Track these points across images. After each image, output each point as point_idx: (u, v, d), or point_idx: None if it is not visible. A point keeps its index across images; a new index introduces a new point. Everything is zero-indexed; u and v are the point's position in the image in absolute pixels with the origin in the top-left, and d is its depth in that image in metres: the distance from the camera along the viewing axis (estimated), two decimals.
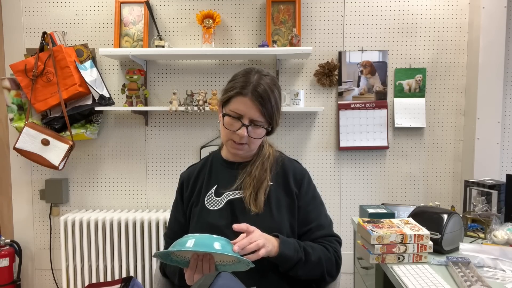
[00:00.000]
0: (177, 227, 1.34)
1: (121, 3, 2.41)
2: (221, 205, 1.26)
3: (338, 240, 1.30)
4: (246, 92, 1.20)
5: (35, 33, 2.48)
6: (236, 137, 1.22)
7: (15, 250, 2.47)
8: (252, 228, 1.12)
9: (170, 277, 1.32)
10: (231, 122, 1.22)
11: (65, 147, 2.29)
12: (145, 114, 2.49)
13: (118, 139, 2.53)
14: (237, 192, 1.27)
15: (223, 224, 1.23)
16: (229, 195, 1.27)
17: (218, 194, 1.29)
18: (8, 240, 2.48)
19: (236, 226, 1.11)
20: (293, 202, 1.28)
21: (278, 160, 1.33)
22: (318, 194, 1.36)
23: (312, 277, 1.23)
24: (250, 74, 1.24)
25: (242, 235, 1.10)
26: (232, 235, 1.11)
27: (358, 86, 2.44)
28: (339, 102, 2.45)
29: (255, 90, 1.20)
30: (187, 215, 1.33)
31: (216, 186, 1.30)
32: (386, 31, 2.44)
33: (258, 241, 1.08)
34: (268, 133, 1.29)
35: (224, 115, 1.24)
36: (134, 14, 2.42)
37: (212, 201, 1.28)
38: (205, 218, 1.26)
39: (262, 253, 1.08)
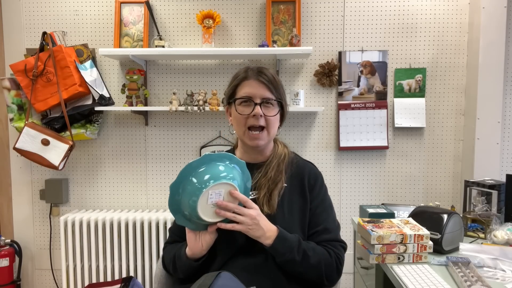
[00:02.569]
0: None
1: (121, 3, 2.41)
2: None
3: (343, 246, 1.29)
4: (251, 75, 1.26)
5: (35, 33, 2.48)
6: (252, 120, 1.23)
7: (15, 250, 2.47)
8: (253, 205, 1.14)
9: (167, 264, 1.29)
10: (243, 108, 1.25)
11: (65, 147, 2.29)
12: (145, 114, 2.49)
13: (118, 139, 2.53)
14: (251, 193, 1.26)
15: None
16: None
17: None
18: (8, 240, 2.48)
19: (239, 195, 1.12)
20: (306, 204, 1.28)
21: (293, 161, 1.33)
22: (329, 197, 1.35)
23: (309, 278, 1.22)
24: (250, 66, 1.31)
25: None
26: (244, 237, 1.14)
27: (358, 86, 2.44)
28: (339, 102, 2.45)
29: (259, 72, 1.26)
30: None
31: None
32: (386, 31, 2.44)
33: (242, 218, 1.10)
34: (281, 118, 1.31)
35: (235, 101, 1.26)
36: (134, 14, 2.42)
37: None
38: None
39: (236, 228, 1.11)
